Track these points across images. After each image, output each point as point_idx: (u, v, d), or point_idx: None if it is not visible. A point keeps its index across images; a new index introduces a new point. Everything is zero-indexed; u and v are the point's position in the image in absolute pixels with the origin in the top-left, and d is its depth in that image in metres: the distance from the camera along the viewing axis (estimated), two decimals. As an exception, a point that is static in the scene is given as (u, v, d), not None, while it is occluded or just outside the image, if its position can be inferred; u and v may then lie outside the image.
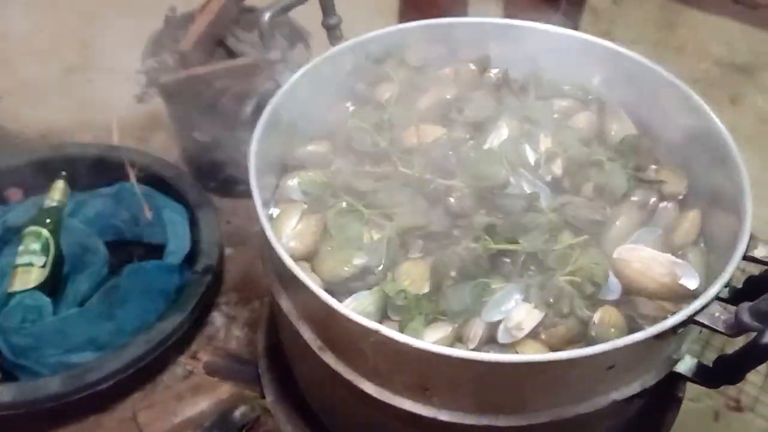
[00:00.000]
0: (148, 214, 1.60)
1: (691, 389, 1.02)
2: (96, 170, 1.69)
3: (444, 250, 0.84)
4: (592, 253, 0.85)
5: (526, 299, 0.81)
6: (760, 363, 0.74)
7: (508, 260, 0.85)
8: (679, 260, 0.83)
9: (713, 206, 0.90)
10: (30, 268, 1.60)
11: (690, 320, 0.72)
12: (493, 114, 0.97)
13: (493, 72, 1.07)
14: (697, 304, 0.72)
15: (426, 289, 0.83)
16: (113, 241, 1.70)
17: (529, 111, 1.00)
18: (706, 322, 0.72)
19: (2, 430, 1.46)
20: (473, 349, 0.80)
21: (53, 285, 1.59)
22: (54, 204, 1.71)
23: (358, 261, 0.83)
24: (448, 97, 0.99)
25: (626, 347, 0.69)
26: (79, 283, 1.56)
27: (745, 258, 0.78)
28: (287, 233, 0.87)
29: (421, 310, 0.80)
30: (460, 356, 0.68)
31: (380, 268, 0.83)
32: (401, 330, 0.80)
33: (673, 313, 0.73)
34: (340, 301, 0.82)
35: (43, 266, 1.59)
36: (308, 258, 0.87)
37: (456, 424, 0.77)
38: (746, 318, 0.70)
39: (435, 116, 0.99)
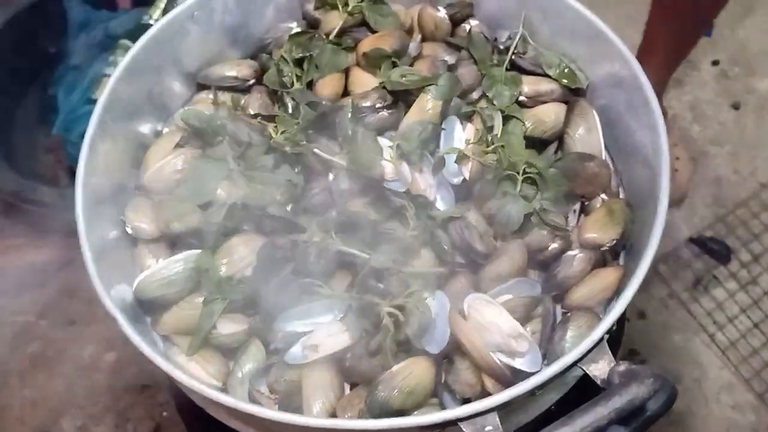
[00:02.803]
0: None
1: None
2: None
3: (284, 234, 0.75)
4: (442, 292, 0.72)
5: (343, 319, 0.72)
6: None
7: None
8: (525, 333, 0.68)
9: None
10: (113, 81, 1.68)
11: (451, 422, 0.60)
12: (427, 82, 0.80)
13: (472, 23, 0.87)
14: (463, 410, 0.59)
15: (248, 273, 0.75)
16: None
17: (486, 85, 0.82)
18: (467, 433, 0.60)
19: (49, 224, 1.64)
20: (277, 350, 0.74)
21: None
22: (150, 22, 1.75)
23: (192, 221, 0.76)
24: (386, 48, 0.83)
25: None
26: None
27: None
28: (153, 166, 0.81)
29: (225, 295, 0.73)
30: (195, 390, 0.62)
31: (212, 234, 0.76)
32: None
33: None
34: (174, 253, 0.79)
35: (125, 82, 1.67)
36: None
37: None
38: (493, 455, 0.56)
39: (370, 67, 0.84)
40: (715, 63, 1.86)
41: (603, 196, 0.77)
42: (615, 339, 0.68)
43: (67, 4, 1.74)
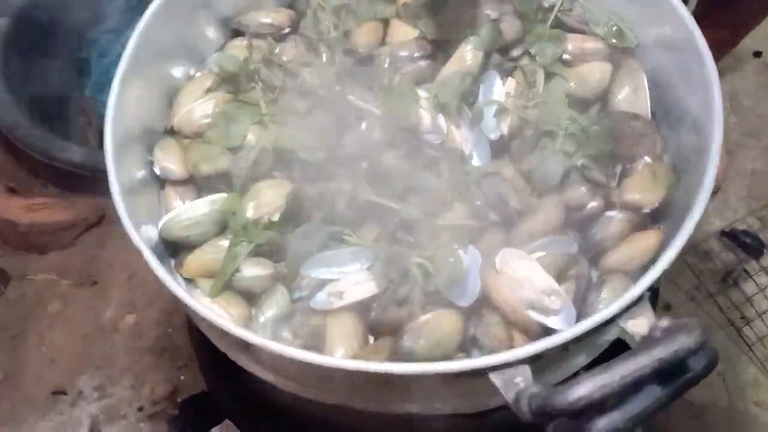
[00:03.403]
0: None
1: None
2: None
3: (314, 181, 0.74)
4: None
5: (370, 268, 0.70)
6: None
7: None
8: (560, 290, 0.66)
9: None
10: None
11: (479, 372, 0.58)
12: (468, 34, 0.77)
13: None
14: (494, 359, 0.57)
15: (275, 217, 0.73)
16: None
17: (529, 41, 0.79)
18: (497, 384, 0.57)
19: (78, 185, 1.64)
20: (300, 299, 0.72)
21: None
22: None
23: (220, 164, 0.75)
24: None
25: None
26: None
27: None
28: (183, 109, 0.80)
29: (251, 238, 0.72)
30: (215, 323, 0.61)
31: (240, 177, 0.75)
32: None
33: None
34: (201, 196, 0.77)
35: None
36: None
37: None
38: (524, 406, 0.54)
39: (410, 17, 0.82)
40: (757, 54, 1.81)
41: (647, 158, 0.74)
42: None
43: (104, -32, 1.74)
